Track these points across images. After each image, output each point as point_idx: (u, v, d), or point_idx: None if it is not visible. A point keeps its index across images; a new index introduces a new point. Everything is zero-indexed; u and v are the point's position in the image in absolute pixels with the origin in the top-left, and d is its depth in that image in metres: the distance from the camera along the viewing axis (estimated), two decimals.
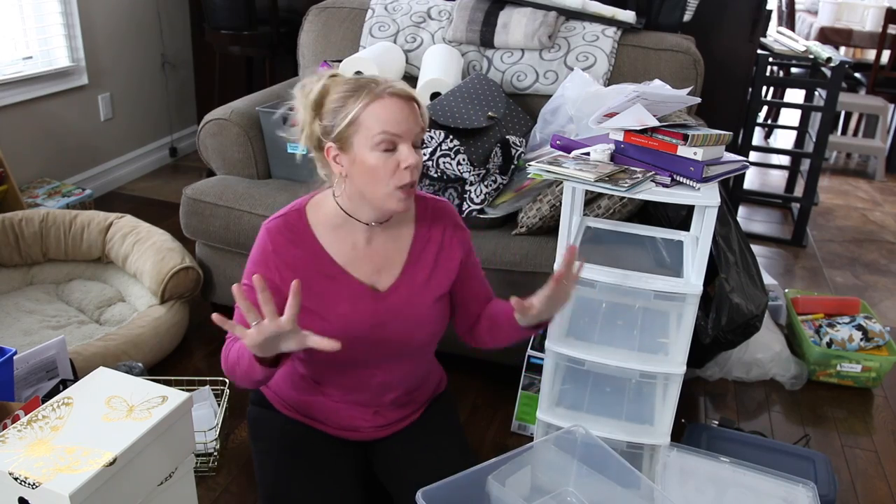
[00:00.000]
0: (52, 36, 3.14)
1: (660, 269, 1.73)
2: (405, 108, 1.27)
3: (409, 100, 1.28)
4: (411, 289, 1.41)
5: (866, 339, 2.35)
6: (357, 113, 1.26)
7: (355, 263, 1.39)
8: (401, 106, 1.26)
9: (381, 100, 1.26)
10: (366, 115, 1.25)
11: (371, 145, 1.26)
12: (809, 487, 1.56)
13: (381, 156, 1.26)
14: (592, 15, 2.46)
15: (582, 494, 1.48)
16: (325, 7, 2.71)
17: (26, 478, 1.02)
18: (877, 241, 3.58)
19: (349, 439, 1.51)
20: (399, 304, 1.40)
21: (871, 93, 4.57)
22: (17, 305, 2.32)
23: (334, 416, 1.49)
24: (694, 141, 1.47)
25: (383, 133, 1.25)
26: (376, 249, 1.40)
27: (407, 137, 1.26)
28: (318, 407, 1.49)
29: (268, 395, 1.55)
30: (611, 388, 1.74)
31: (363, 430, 1.51)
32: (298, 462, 1.43)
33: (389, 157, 1.26)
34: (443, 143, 2.09)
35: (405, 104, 1.27)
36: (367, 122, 1.25)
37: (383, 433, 1.52)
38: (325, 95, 1.30)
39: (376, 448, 1.53)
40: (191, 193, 2.29)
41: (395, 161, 1.26)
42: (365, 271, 1.39)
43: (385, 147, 1.26)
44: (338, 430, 1.50)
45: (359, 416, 1.49)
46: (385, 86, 1.27)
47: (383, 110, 1.25)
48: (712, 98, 2.46)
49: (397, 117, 1.25)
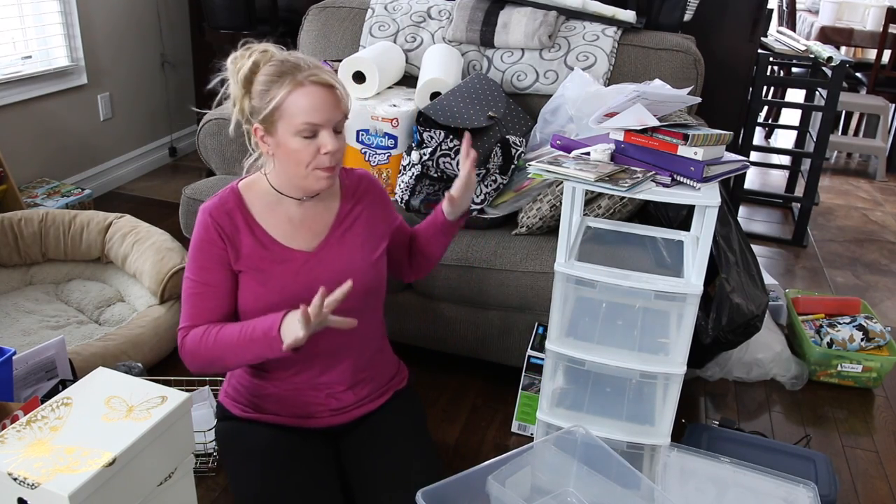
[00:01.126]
0: (51, 35, 3.14)
1: (660, 269, 1.73)
2: (326, 96, 1.33)
3: (329, 87, 1.33)
4: (340, 245, 1.47)
5: (867, 339, 2.35)
6: (280, 100, 1.32)
7: (293, 236, 1.44)
8: (322, 94, 1.32)
9: (303, 88, 1.31)
10: (288, 103, 1.32)
11: (293, 132, 1.33)
12: (810, 488, 1.55)
13: (303, 142, 1.33)
14: (592, 14, 2.46)
15: (582, 495, 1.48)
16: (325, 7, 2.71)
17: (25, 478, 1.02)
18: (877, 241, 3.58)
19: (310, 428, 1.50)
20: (330, 257, 1.45)
21: (872, 92, 4.57)
22: (17, 305, 2.32)
23: (287, 403, 1.48)
24: (694, 141, 1.47)
25: (304, 123, 1.32)
26: (312, 220, 1.46)
27: (327, 125, 1.33)
28: (270, 395, 1.49)
29: (227, 404, 1.54)
30: (611, 389, 1.73)
31: (320, 417, 1.50)
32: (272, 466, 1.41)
33: (310, 142, 1.33)
34: (443, 143, 2.09)
35: (326, 92, 1.33)
36: (290, 109, 1.32)
37: (341, 419, 1.51)
38: (254, 73, 1.35)
39: (342, 443, 1.53)
40: (190, 193, 2.29)
41: (315, 146, 1.34)
42: (299, 239, 1.44)
43: (306, 134, 1.33)
44: (294, 418, 1.49)
45: (312, 402, 1.49)
46: (307, 73, 1.32)
47: (304, 99, 1.31)
48: (712, 98, 2.46)
49: (317, 106, 1.32)
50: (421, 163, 2.12)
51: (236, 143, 2.38)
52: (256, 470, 1.40)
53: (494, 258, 2.01)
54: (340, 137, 1.37)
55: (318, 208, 1.47)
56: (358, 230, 1.50)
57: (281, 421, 1.49)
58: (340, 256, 1.46)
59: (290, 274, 1.42)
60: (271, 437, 1.46)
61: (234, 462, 1.46)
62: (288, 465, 1.41)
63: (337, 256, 1.46)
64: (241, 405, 1.51)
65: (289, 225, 1.44)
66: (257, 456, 1.42)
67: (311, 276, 1.42)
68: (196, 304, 1.41)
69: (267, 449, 1.43)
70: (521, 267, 2.00)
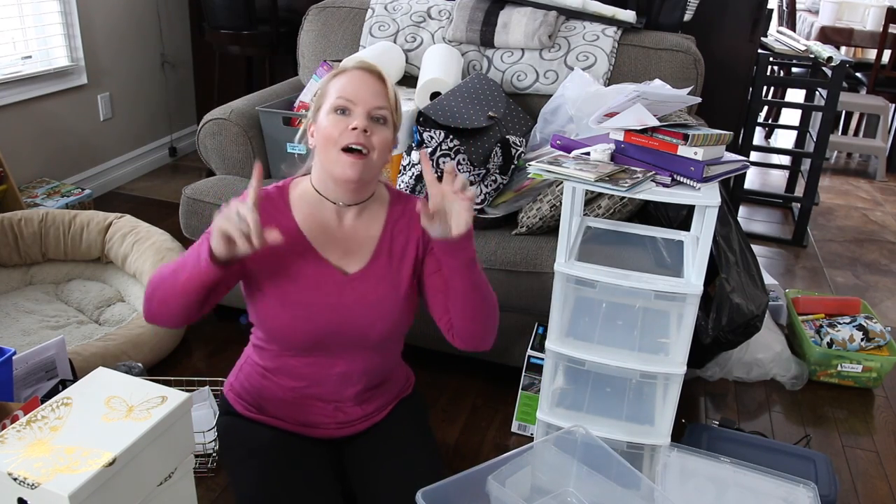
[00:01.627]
0: (51, 35, 3.14)
1: (660, 269, 1.73)
2: (366, 78, 1.33)
3: (371, 72, 1.34)
4: (378, 277, 1.41)
5: (867, 339, 2.35)
6: (324, 85, 1.36)
7: (326, 244, 1.40)
8: (361, 76, 1.34)
9: (346, 73, 1.35)
10: (330, 86, 1.36)
11: (328, 110, 1.33)
12: (810, 488, 1.55)
13: (335, 118, 1.32)
14: (593, 14, 2.46)
15: (582, 494, 1.48)
16: (325, 7, 2.71)
17: (25, 478, 1.02)
18: (877, 241, 3.58)
19: (314, 437, 1.49)
20: (363, 289, 1.40)
21: (872, 92, 4.57)
22: (17, 305, 2.32)
23: (294, 411, 1.47)
24: (694, 141, 1.47)
25: (338, 98, 1.32)
26: (346, 232, 1.41)
27: (361, 104, 1.31)
28: (277, 402, 1.47)
29: (231, 399, 1.52)
30: (611, 389, 1.73)
31: (325, 427, 1.49)
32: (272, 468, 1.40)
33: (342, 119, 1.32)
34: (443, 143, 2.09)
35: (366, 75, 1.34)
36: (330, 91, 1.35)
37: (347, 431, 1.50)
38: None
39: (347, 450, 1.51)
40: (190, 193, 2.29)
41: (346, 123, 1.31)
42: (335, 253, 1.40)
43: (339, 110, 1.32)
44: (299, 426, 1.48)
45: (319, 412, 1.47)
46: (355, 63, 1.35)
47: (344, 79, 1.34)
48: (712, 98, 2.46)
49: (355, 85, 1.33)
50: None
51: (236, 144, 2.38)
52: (256, 470, 1.40)
53: (494, 258, 2.01)
54: (381, 129, 1.33)
55: (355, 220, 1.41)
56: (398, 260, 1.43)
57: (284, 426, 1.48)
58: (377, 288, 1.41)
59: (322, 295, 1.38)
60: (273, 437, 1.45)
61: (234, 461, 1.45)
62: (288, 467, 1.41)
63: (374, 287, 1.40)
64: (246, 403, 1.50)
65: (325, 233, 1.40)
66: (257, 456, 1.42)
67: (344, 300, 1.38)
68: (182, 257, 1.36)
69: (268, 450, 1.43)
70: (521, 267, 2.00)
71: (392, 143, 1.38)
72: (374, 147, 1.32)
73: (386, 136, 1.34)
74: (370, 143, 1.31)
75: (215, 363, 2.23)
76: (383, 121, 1.34)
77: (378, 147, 1.33)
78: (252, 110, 2.41)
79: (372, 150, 1.32)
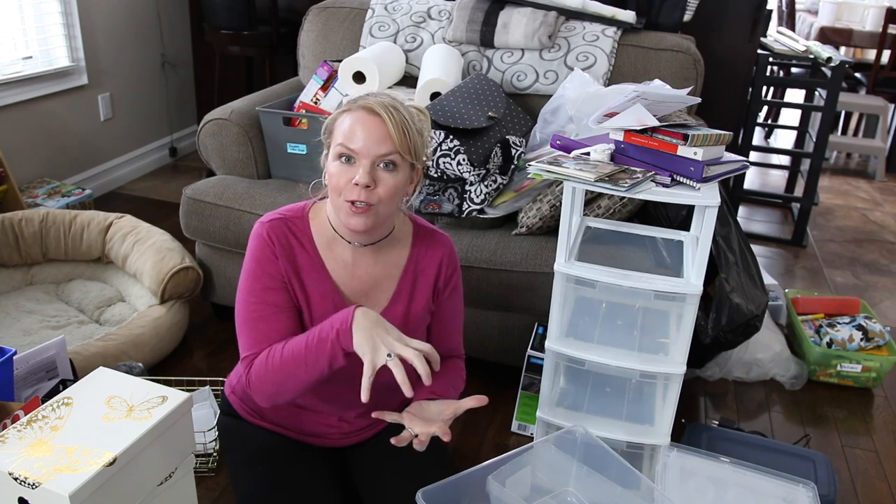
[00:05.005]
0: (51, 36, 3.14)
1: (660, 269, 1.73)
2: (368, 122, 1.24)
3: (374, 115, 1.25)
4: (396, 321, 1.37)
5: (866, 339, 2.35)
6: (331, 121, 1.30)
7: (345, 281, 1.37)
8: (364, 119, 1.25)
9: (351, 112, 1.27)
10: (336, 125, 1.29)
11: (334, 155, 1.28)
12: (810, 487, 1.56)
13: (341, 166, 1.26)
14: (592, 15, 2.46)
15: (582, 494, 1.48)
16: (325, 7, 2.71)
17: (26, 478, 1.02)
18: (877, 241, 3.58)
19: (318, 446, 1.48)
20: None
21: (872, 93, 4.57)
22: (17, 305, 2.32)
23: (298, 421, 1.46)
24: (694, 141, 1.47)
25: (340, 145, 1.26)
26: (364, 272, 1.38)
27: (364, 154, 1.24)
28: (281, 412, 1.45)
29: (232, 401, 1.51)
30: (611, 388, 1.74)
31: (329, 437, 1.48)
32: (273, 473, 1.40)
33: (347, 169, 1.26)
34: (443, 143, 2.09)
35: (370, 119, 1.24)
36: (336, 130, 1.28)
37: (351, 440, 1.50)
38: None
39: (351, 456, 1.51)
40: (191, 193, 2.29)
41: (350, 175, 1.25)
42: (353, 291, 1.38)
43: (343, 158, 1.26)
44: (302, 435, 1.47)
45: (323, 423, 1.46)
46: (363, 100, 1.27)
47: (348, 121, 1.26)
48: (712, 98, 2.46)
49: (356, 132, 1.24)
50: None
51: (237, 144, 2.38)
52: (256, 474, 1.40)
53: (494, 258, 2.01)
54: (388, 176, 1.25)
55: (372, 260, 1.38)
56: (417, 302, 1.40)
57: (286, 434, 1.48)
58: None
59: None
60: (274, 442, 1.45)
61: (234, 463, 1.45)
62: (289, 472, 1.40)
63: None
64: (248, 408, 1.50)
65: (344, 271, 1.36)
66: (258, 460, 1.42)
67: None
68: (258, 328, 1.30)
69: (268, 454, 1.42)
70: (520, 267, 2.00)
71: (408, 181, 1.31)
72: (379, 199, 1.26)
73: (394, 182, 1.27)
74: (373, 196, 1.25)
75: (216, 363, 2.23)
76: (392, 166, 1.26)
77: (384, 197, 1.26)
78: (252, 110, 2.42)
79: (377, 202, 1.26)
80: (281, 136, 2.37)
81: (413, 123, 1.28)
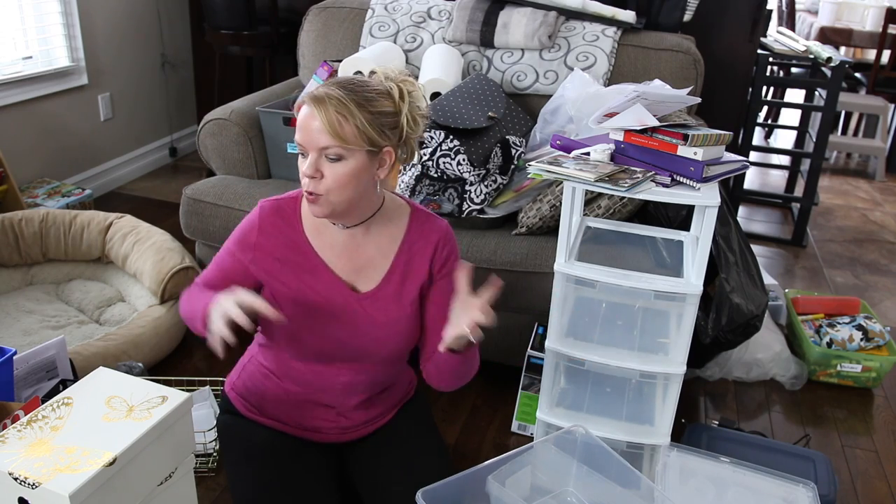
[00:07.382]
0: (51, 36, 3.14)
1: (660, 269, 1.73)
2: (306, 115, 1.27)
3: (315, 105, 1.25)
4: (389, 298, 1.40)
5: (866, 339, 2.35)
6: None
7: (336, 260, 1.40)
8: (304, 113, 1.27)
9: (303, 104, 1.29)
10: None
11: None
12: (810, 487, 1.56)
13: (301, 158, 1.31)
14: (592, 15, 2.46)
15: (582, 494, 1.48)
16: (325, 7, 2.71)
17: (26, 478, 1.02)
18: (877, 241, 3.58)
19: (315, 441, 1.49)
20: (374, 310, 1.39)
21: (872, 93, 4.57)
22: (17, 305, 2.32)
23: (296, 415, 1.47)
24: (694, 141, 1.47)
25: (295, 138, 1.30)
26: (356, 250, 1.40)
27: (309, 147, 1.27)
28: (280, 405, 1.47)
29: (232, 398, 1.53)
30: (611, 388, 1.74)
31: (327, 432, 1.48)
32: (272, 470, 1.40)
33: (303, 161, 1.30)
34: (443, 143, 2.09)
35: (311, 110, 1.26)
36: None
37: (349, 436, 1.50)
38: None
39: (350, 453, 1.51)
40: (191, 193, 2.29)
41: (303, 166, 1.29)
42: (345, 270, 1.40)
43: (301, 152, 1.30)
44: (300, 430, 1.48)
45: (321, 417, 1.47)
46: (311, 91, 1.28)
47: (299, 115, 1.29)
48: (712, 98, 2.46)
49: (301, 125, 1.28)
50: (421, 163, 2.12)
51: (237, 144, 2.38)
52: (254, 472, 1.40)
53: (494, 258, 2.01)
54: (334, 166, 1.26)
55: (365, 239, 1.40)
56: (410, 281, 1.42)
57: (285, 429, 1.48)
58: (388, 309, 1.40)
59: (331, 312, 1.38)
60: (272, 439, 1.45)
61: (233, 460, 1.45)
62: (286, 469, 1.40)
63: (385, 308, 1.40)
64: (248, 403, 1.50)
65: (334, 249, 1.40)
66: (256, 457, 1.42)
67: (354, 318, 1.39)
68: (210, 269, 1.44)
69: (266, 451, 1.43)
70: (520, 267, 2.00)
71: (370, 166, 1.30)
72: (327, 189, 1.27)
73: (343, 171, 1.26)
74: (320, 187, 1.27)
75: (216, 363, 2.23)
76: (336, 157, 1.26)
77: (333, 186, 1.27)
78: (252, 110, 2.42)
79: (326, 192, 1.27)
80: (281, 136, 2.37)
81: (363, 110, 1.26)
